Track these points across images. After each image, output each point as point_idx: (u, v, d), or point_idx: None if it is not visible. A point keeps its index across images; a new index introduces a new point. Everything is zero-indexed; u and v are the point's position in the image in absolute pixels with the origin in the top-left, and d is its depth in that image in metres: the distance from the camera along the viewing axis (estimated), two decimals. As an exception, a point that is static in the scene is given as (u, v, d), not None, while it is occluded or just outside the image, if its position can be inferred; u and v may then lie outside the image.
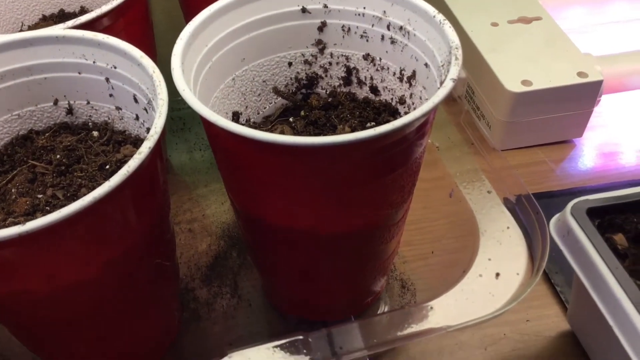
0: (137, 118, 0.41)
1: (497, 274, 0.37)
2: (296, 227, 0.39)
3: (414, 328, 0.35)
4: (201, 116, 0.34)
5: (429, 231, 0.49)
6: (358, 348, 0.36)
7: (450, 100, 0.49)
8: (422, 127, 0.36)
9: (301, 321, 0.47)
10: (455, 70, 0.35)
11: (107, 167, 0.40)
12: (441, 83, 0.36)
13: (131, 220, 0.35)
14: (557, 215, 0.42)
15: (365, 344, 0.37)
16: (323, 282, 0.43)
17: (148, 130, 0.35)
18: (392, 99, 0.44)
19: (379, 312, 0.46)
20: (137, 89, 0.39)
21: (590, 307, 0.39)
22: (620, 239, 0.41)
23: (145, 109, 0.40)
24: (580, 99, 0.60)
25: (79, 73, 0.41)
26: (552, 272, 0.50)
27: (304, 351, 0.34)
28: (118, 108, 0.42)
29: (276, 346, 0.35)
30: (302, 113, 0.45)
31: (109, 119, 0.43)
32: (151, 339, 0.44)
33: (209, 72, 0.40)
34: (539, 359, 0.45)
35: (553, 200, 0.57)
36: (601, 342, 0.42)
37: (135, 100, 0.40)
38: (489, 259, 0.38)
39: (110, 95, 0.42)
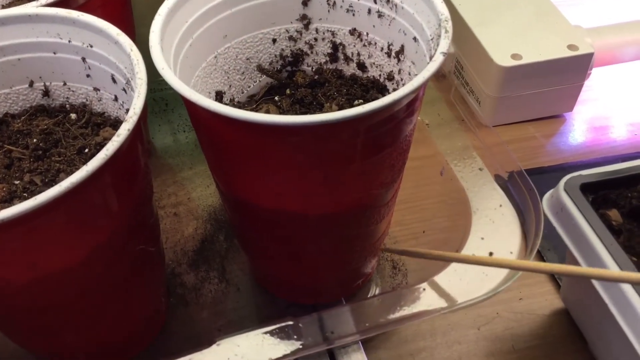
0: (116, 99, 0.40)
1: (491, 253, 0.36)
2: (283, 209, 0.37)
3: (407, 311, 0.35)
4: (182, 96, 0.33)
5: (420, 210, 0.48)
6: (350, 332, 0.36)
7: (439, 76, 0.48)
8: (411, 104, 0.35)
9: (291, 304, 0.46)
10: (445, 44, 0.34)
11: (86, 150, 0.38)
12: (431, 57, 0.35)
13: (112, 206, 0.34)
14: (550, 192, 0.42)
15: (357, 328, 0.36)
16: (312, 264, 0.42)
17: (128, 111, 0.33)
18: (380, 75, 0.43)
19: (370, 294, 0.45)
20: (114, 68, 0.38)
21: (585, 284, 0.39)
22: (614, 214, 0.40)
23: (124, 90, 0.38)
24: (570, 72, 0.59)
25: (54, 53, 0.39)
26: (545, 249, 0.50)
27: (294, 337, 0.33)
28: (96, 89, 0.41)
29: (266, 332, 0.34)
30: (288, 91, 0.44)
31: (87, 100, 0.42)
32: (138, 326, 0.42)
33: (190, 50, 0.39)
34: (533, 337, 0.44)
35: (544, 176, 0.56)
36: (596, 319, 0.42)
37: (114, 81, 0.39)
38: (482, 238, 0.37)
39: (88, 75, 0.40)
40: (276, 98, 0.44)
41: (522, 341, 0.44)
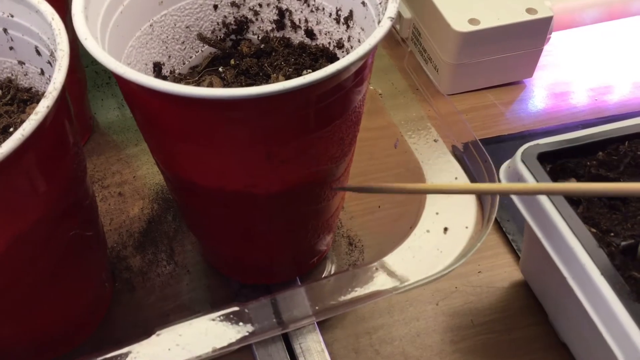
0: (42, 73, 0.37)
1: (446, 229, 0.35)
2: (228, 188, 0.35)
3: (361, 291, 0.33)
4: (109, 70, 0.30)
5: (376, 184, 0.47)
6: (301, 316, 0.34)
7: (394, 43, 0.45)
8: (359, 73, 0.33)
9: (244, 286, 0.44)
10: (393, 8, 0.31)
11: (11, 129, 0.35)
12: (379, 23, 0.32)
13: (37, 189, 0.31)
14: (507, 162, 0.40)
15: (310, 311, 0.34)
16: (263, 244, 0.40)
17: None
18: (329, 43, 0.41)
19: (325, 272, 0.44)
20: (38, 39, 0.35)
21: (543, 256, 0.37)
22: (572, 184, 0.39)
23: (50, 62, 0.35)
24: (529, 36, 0.57)
25: (-28, 24, 0.36)
26: (503, 220, 0.48)
27: (241, 323, 0.32)
28: (21, 62, 0.37)
29: (211, 319, 0.32)
30: (232, 62, 0.41)
31: (12, 75, 0.38)
32: (78, 315, 0.40)
33: (120, 18, 0.36)
34: (492, 311, 0.43)
35: (503, 145, 0.55)
36: (554, 291, 0.41)
37: (38, 53, 0.36)
38: (437, 213, 0.35)
39: (11, 48, 0.37)
40: (220, 69, 0.41)
41: (481, 315, 0.43)
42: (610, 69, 0.64)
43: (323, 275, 0.43)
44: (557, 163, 0.40)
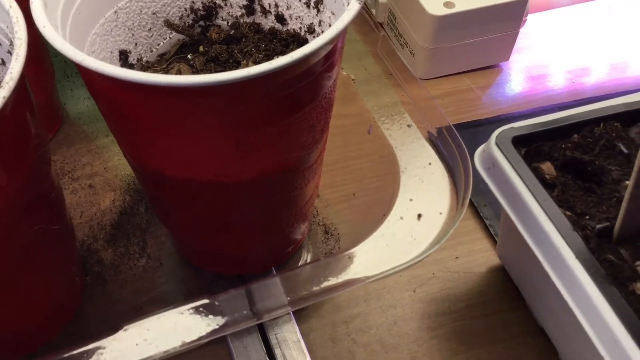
0: (3, 63, 0.35)
1: (419, 215, 0.34)
2: (198, 178, 0.34)
3: (333, 280, 0.32)
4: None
5: (351, 171, 0.46)
6: (276, 306, 0.33)
7: (368, 28, 0.45)
8: (329, 58, 0.32)
9: (218, 277, 0.43)
10: (361, -10, 0.31)
11: (-29, 122, 0.34)
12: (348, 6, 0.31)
13: (-3, 184, 0.30)
14: (482, 146, 0.40)
15: (283, 301, 0.34)
16: (235, 234, 0.40)
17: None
18: (300, 28, 0.40)
19: (301, 261, 0.43)
20: (-5, 28, 0.33)
21: (519, 240, 0.37)
22: (547, 167, 0.38)
23: (9, 52, 0.34)
24: (505, 19, 0.56)
25: None
26: (480, 205, 0.48)
27: (210, 316, 0.31)
28: (-20, 53, 0.36)
29: (180, 313, 0.31)
30: (201, 49, 0.40)
31: (-29, 66, 0.37)
32: (48, 309, 0.39)
33: (83, 5, 0.35)
34: (469, 297, 0.43)
35: (480, 129, 0.55)
36: (530, 275, 0.41)
37: (-3, 43, 0.34)
38: (410, 200, 0.35)
39: (-31, 37, 0.36)
40: (189, 56, 0.40)
41: (459, 301, 0.43)
42: (587, 51, 0.63)
43: (299, 265, 0.43)
44: (532, 146, 0.39)
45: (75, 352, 0.30)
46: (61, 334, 0.40)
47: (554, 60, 0.62)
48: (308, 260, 0.43)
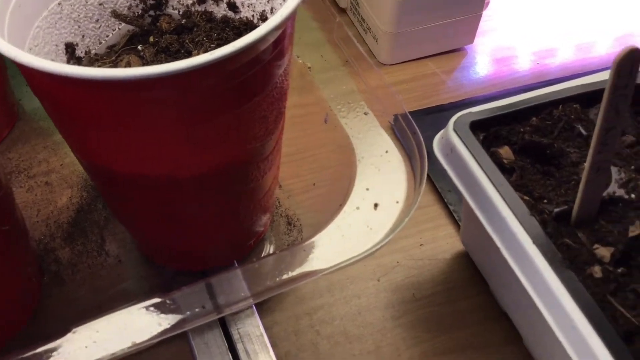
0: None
1: (376, 205, 0.34)
2: (148, 174, 0.33)
3: (289, 273, 0.32)
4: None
5: (311, 161, 0.45)
6: (229, 303, 0.33)
7: (326, 15, 0.44)
8: (277, 45, 0.31)
9: (179, 273, 0.42)
10: (305, -25, 0.30)
11: None
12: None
13: None
14: (441, 132, 0.39)
15: (236, 298, 0.33)
16: (194, 229, 0.39)
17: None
18: (253, 15, 0.39)
19: (264, 254, 0.43)
20: None
21: (479, 226, 0.37)
22: (506, 152, 0.38)
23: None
24: (468, 2, 0.56)
25: None
26: (444, 191, 0.48)
27: (162, 315, 0.30)
28: None
29: (131, 312, 0.30)
30: (151, 39, 0.39)
31: None
32: (3, 311, 0.38)
33: (22, -3, 0.33)
34: (434, 284, 0.43)
35: (445, 114, 0.54)
36: (492, 261, 0.40)
37: None
38: (367, 189, 0.34)
39: None
40: (139, 47, 0.39)
41: (424, 288, 0.43)
42: (552, 32, 0.63)
43: (261, 257, 0.42)
44: (491, 131, 0.39)
45: (23, 356, 0.29)
46: (18, 335, 0.39)
47: (519, 42, 0.62)
48: (271, 252, 0.43)
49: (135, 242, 0.44)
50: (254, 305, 0.40)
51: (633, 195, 0.36)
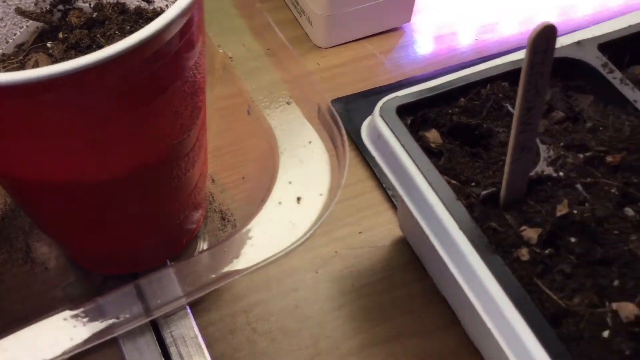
0: None
1: (299, 198, 0.33)
2: (55, 180, 0.32)
3: (207, 277, 0.31)
4: None
5: (239, 154, 0.44)
6: (137, 314, 0.31)
7: (248, 0, 0.42)
8: (184, 35, 0.30)
9: (108, 278, 0.41)
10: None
11: None
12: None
13: None
14: (368, 118, 0.38)
15: (161, 302, 0.32)
16: (117, 233, 0.37)
17: None
18: (167, 5, 0.37)
19: (196, 252, 0.41)
20: None
21: (410, 214, 0.36)
22: (433, 135, 0.37)
23: None
24: (401, -20, 0.55)
25: None
26: (382, 175, 0.47)
27: (75, 326, 0.29)
28: None
29: (41, 327, 0.29)
30: (61, 35, 0.37)
31: None
32: None
33: None
34: (373, 272, 0.42)
35: (382, 97, 0.52)
36: (426, 246, 0.40)
37: None
38: (290, 182, 0.33)
39: None
40: (49, 44, 0.37)
41: (363, 278, 0.42)
42: (492, 6, 0.62)
43: (194, 254, 0.41)
44: (418, 114, 0.38)
45: None
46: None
47: (458, 18, 0.61)
48: (204, 249, 0.41)
49: (63, 248, 0.42)
50: (187, 306, 0.39)
51: (561, 173, 0.35)
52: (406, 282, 0.42)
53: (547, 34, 0.29)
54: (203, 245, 0.42)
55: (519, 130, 0.32)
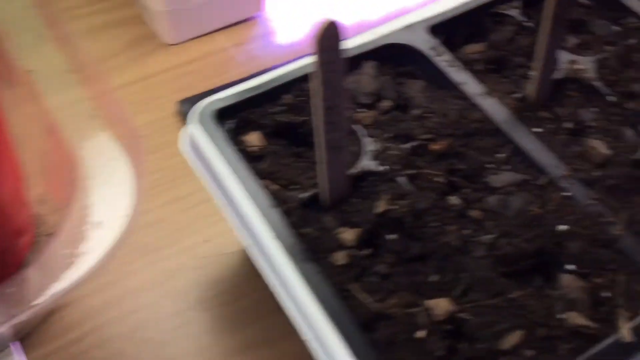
0: None
1: (99, 223, 0.30)
2: None
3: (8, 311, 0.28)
4: None
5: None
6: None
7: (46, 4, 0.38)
8: None
9: None
10: None
11: None
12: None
13: None
14: (186, 126, 0.36)
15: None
16: None
17: None
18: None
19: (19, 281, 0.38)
20: None
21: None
22: (253, 138, 0.35)
23: None
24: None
25: None
26: (229, 178, 0.45)
27: None
28: None
29: None
30: None
31: None
32: None
33: None
34: (219, 283, 0.40)
35: (232, 93, 0.51)
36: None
37: None
38: (92, 206, 0.31)
39: None
40: None
41: (209, 289, 0.40)
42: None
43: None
44: (239, 117, 0.36)
45: None
46: None
47: (313, 3, 0.59)
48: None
49: None
50: (11, 345, 0.36)
51: (386, 167, 0.34)
52: (250, 291, 0.40)
53: (331, 31, 0.27)
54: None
55: (325, 131, 0.30)
